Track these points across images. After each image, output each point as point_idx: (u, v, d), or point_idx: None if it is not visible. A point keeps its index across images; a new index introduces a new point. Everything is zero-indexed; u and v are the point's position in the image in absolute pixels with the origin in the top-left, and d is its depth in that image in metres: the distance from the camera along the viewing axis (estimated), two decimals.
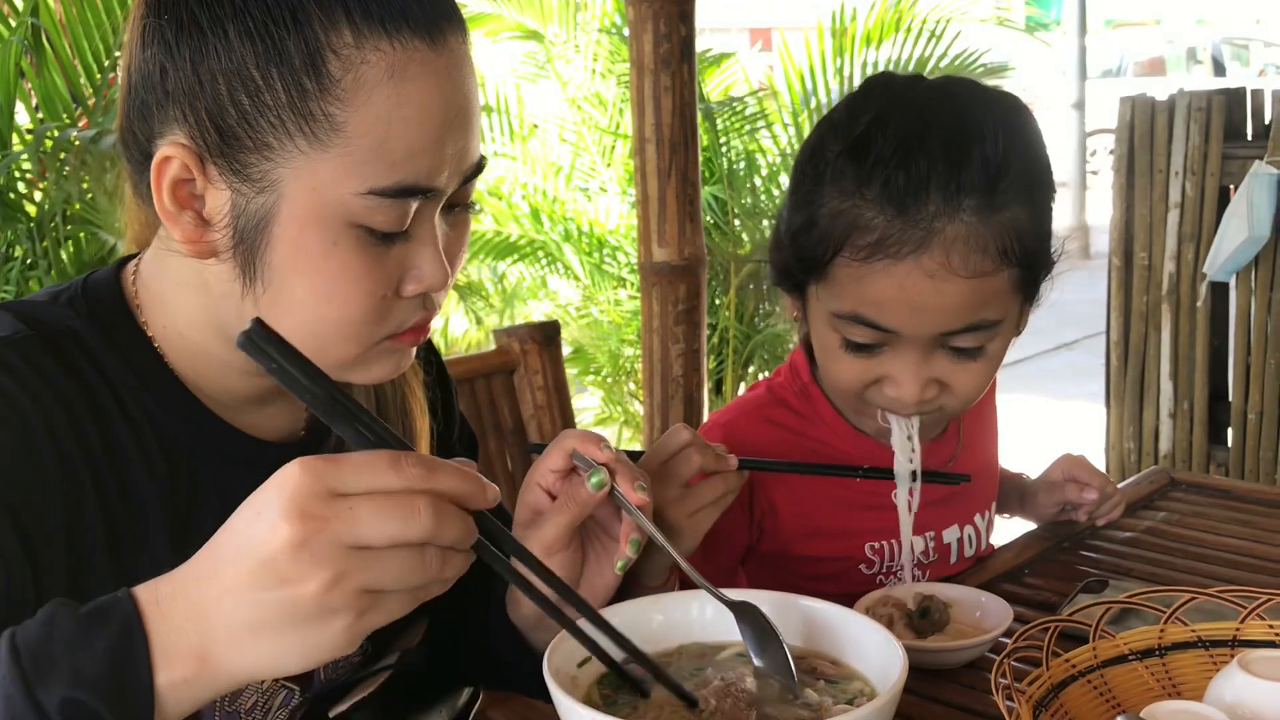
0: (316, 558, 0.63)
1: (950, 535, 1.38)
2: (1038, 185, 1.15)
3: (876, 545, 1.33)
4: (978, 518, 1.42)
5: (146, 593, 0.67)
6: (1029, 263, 1.15)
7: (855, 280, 1.14)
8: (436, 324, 4.72)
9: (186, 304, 0.91)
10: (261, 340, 0.69)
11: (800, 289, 1.24)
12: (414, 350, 0.94)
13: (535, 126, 4.54)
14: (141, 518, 0.88)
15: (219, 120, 0.81)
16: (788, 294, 1.28)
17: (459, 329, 4.66)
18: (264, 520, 0.64)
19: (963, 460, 1.39)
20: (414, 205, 0.84)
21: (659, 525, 1.01)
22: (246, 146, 0.81)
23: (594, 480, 0.94)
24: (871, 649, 0.92)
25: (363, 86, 0.80)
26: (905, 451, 1.23)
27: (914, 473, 1.21)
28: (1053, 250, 1.21)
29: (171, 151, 0.82)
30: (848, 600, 1.04)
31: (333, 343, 0.87)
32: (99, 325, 0.90)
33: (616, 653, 0.86)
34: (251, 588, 0.64)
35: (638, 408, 4.10)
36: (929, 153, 1.10)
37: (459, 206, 0.91)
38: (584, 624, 0.84)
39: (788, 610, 0.99)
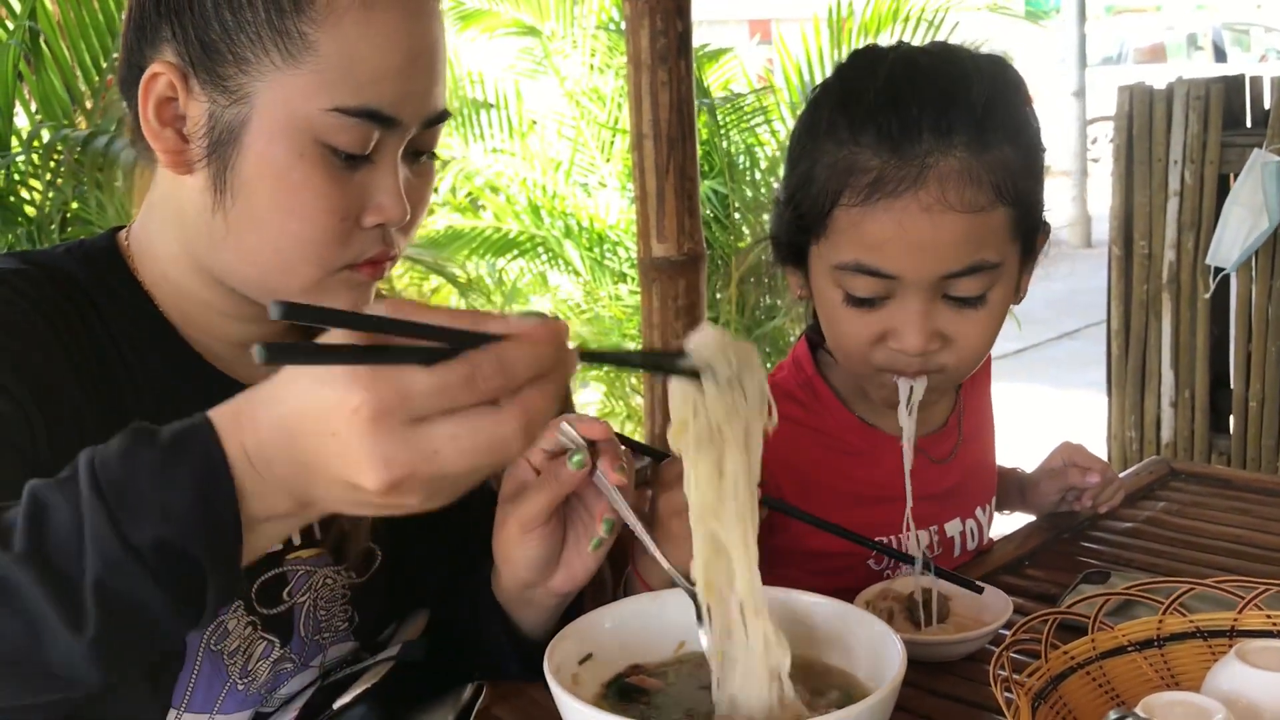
0: (405, 493, 0.62)
1: (953, 529, 1.39)
2: (1024, 127, 1.18)
3: (884, 540, 1.31)
4: (979, 511, 1.42)
5: (227, 425, 0.65)
6: (1022, 202, 1.16)
7: (855, 225, 1.15)
8: None
9: (167, 242, 0.97)
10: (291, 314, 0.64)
11: (802, 257, 1.24)
12: (372, 290, 0.98)
13: (534, 122, 4.54)
14: None
15: (204, 34, 0.89)
16: (791, 270, 1.29)
17: None
18: (348, 460, 0.61)
19: (964, 453, 1.39)
20: (376, 133, 0.90)
21: (664, 530, 1.02)
22: (227, 59, 0.88)
23: (574, 460, 0.96)
24: (870, 643, 0.93)
25: (334, 9, 0.88)
26: (910, 425, 1.23)
27: (927, 563, 1.18)
28: (1045, 209, 1.23)
29: (160, 68, 0.89)
30: (850, 595, 1.04)
31: (295, 261, 0.92)
32: (94, 271, 0.97)
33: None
34: (343, 501, 0.64)
35: (639, 402, 4.10)
36: (918, 96, 1.14)
37: (424, 155, 0.97)
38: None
39: (786, 605, 0.99)
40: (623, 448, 0.99)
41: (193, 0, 0.89)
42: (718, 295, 4.07)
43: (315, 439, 0.62)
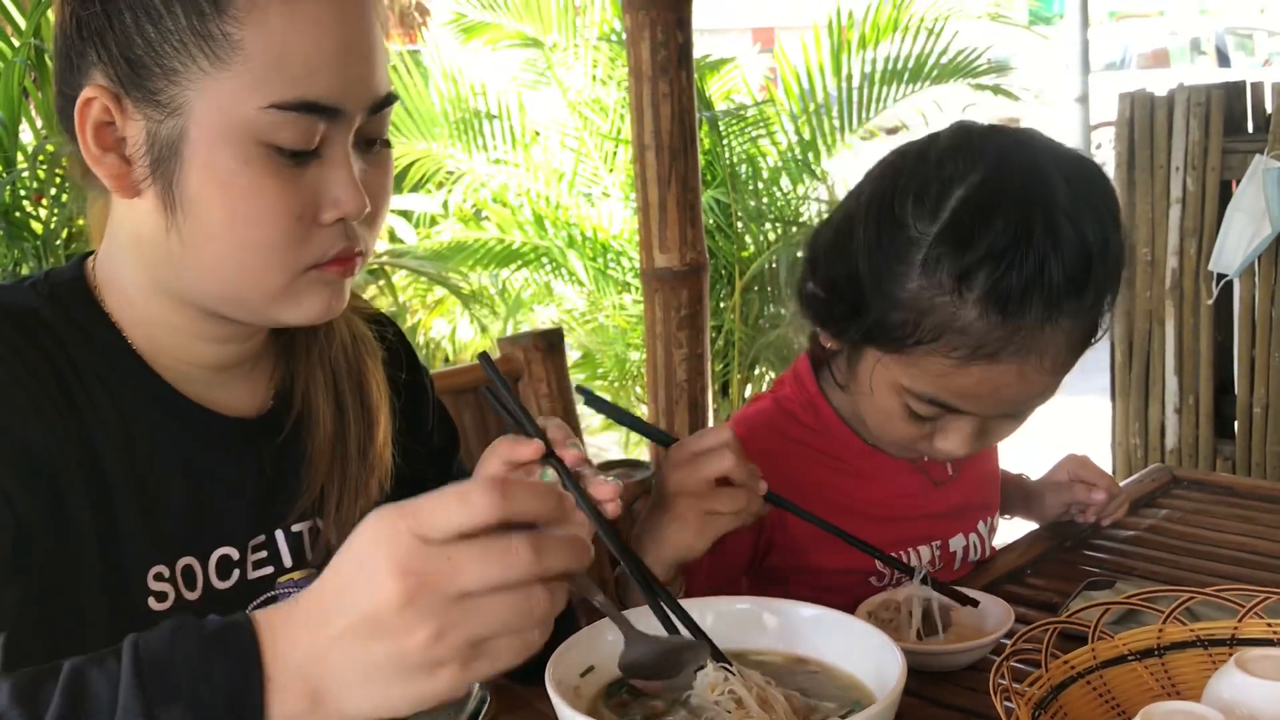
0: (421, 612, 0.65)
1: (956, 544, 1.40)
2: (1120, 267, 1.15)
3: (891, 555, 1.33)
4: (981, 525, 1.43)
5: (265, 623, 0.69)
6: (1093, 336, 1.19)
7: (942, 373, 1.13)
8: (444, 329, 4.74)
9: (130, 270, 0.95)
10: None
11: (853, 346, 1.22)
12: (345, 289, 0.96)
13: (537, 133, 4.55)
14: (109, 485, 0.92)
15: (128, 52, 0.87)
16: (828, 336, 1.25)
17: (466, 337, 4.68)
18: (368, 575, 0.66)
19: (965, 471, 1.40)
20: (320, 126, 0.87)
21: (671, 511, 1.09)
22: (154, 73, 0.86)
23: (543, 477, 0.97)
24: (870, 653, 0.93)
25: (257, 5, 0.85)
26: None
27: (925, 577, 1.20)
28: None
29: (91, 93, 0.88)
30: (852, 612, 1.05)
31: (257, 270, 0.90)
32: (59, 306, 0.95)
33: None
34: (360, 639, 0.66)
35: (644, 411, 4.11)
36: (1034, 254, 1.07)
37: (376, 143, 0.95)
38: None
39: (786, 615, 1.00)
40: (606, 476, 1.00)
41: (112, 19, 0.87)
42: (721, 305, 4.07)
43: (338, 582, 0.67)
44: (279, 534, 1.03)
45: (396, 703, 0.67)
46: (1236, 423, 3.54)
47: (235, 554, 1.00)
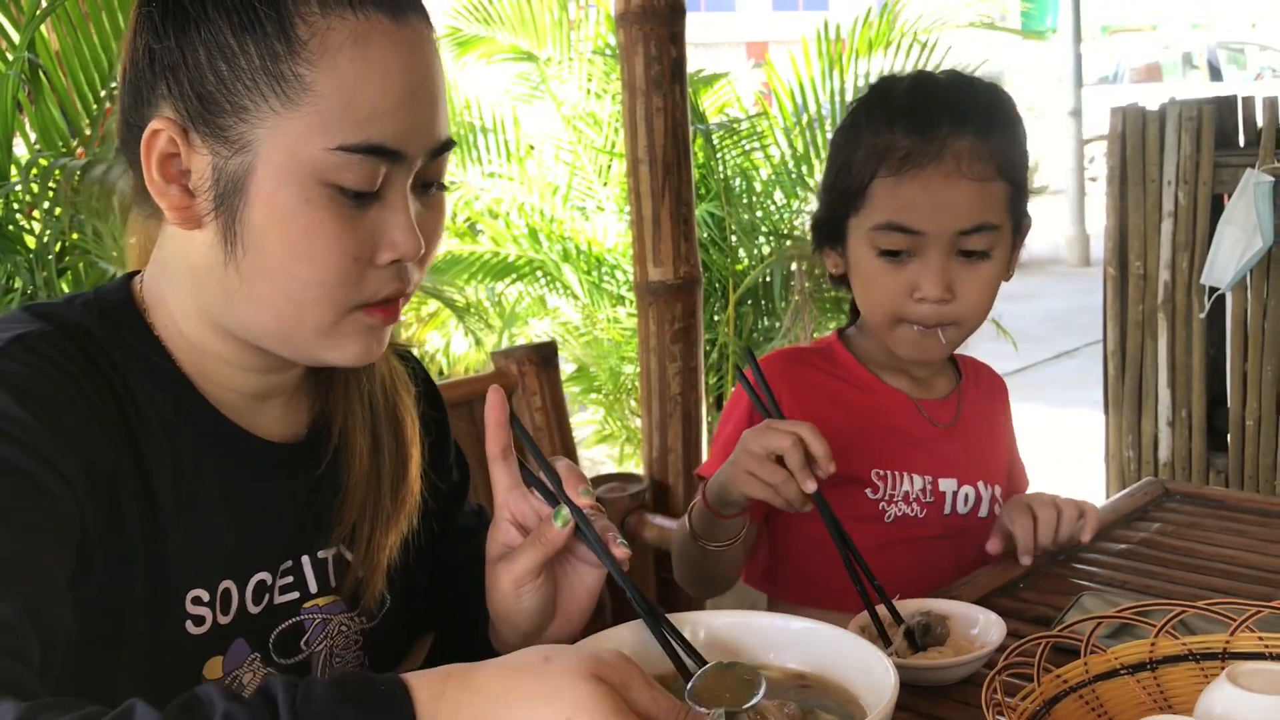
0: None
1: (947, 485, 1.51)
2: (1018, 127, 1.48)
3: (881, 473, 1.48)
4: (981, 484, 1.54)
5: (426, 712, 0.68)
6: (1015, 184, 1.44)
7: (889, 193, 1.42)
8: (438, 343, 4.74)
9: (180, 297, 0.97)
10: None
11: (840, 235, 1.49)
12: (387, 334, 0.98)
13: (531, 147, 4.56)
14: (159, 505, 0.93)
15: (200, 88, 0.88)
16: (828, 251, 1.53)
17: (460, 350, 4.68)
18: None
19: (957, 430, 1.55)
20: (383, 169, 0.90)
21: (733, 458, 1.22)
22: (224, 110, 0.88)
23: (559, 518, 0.97)
24: (864, 667, 0.93)
25: (329, 49, 0.87)
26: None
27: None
28: (1029, 201, 1.50)
29: (159, 125, 0.89)
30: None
31: (308, 305, 0.91)
32: (110, 325, 0.96)
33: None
34: None
35: (639, 424, 4.11)
36: (937, 96, 1.45)
37: (433, 186, 0.97)
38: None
39: (780, 629, 1.00)
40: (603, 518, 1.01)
41: (186, 55, 0.89)
42: (715, 318, 4.08)
43: None
44: (305, 559, 1.04)
45: None
46: (1229, 435, 3.55)
47: (269, 579, 1.01)
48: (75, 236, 2.56)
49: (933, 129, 1.41)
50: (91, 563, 0.87)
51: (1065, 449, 4.92)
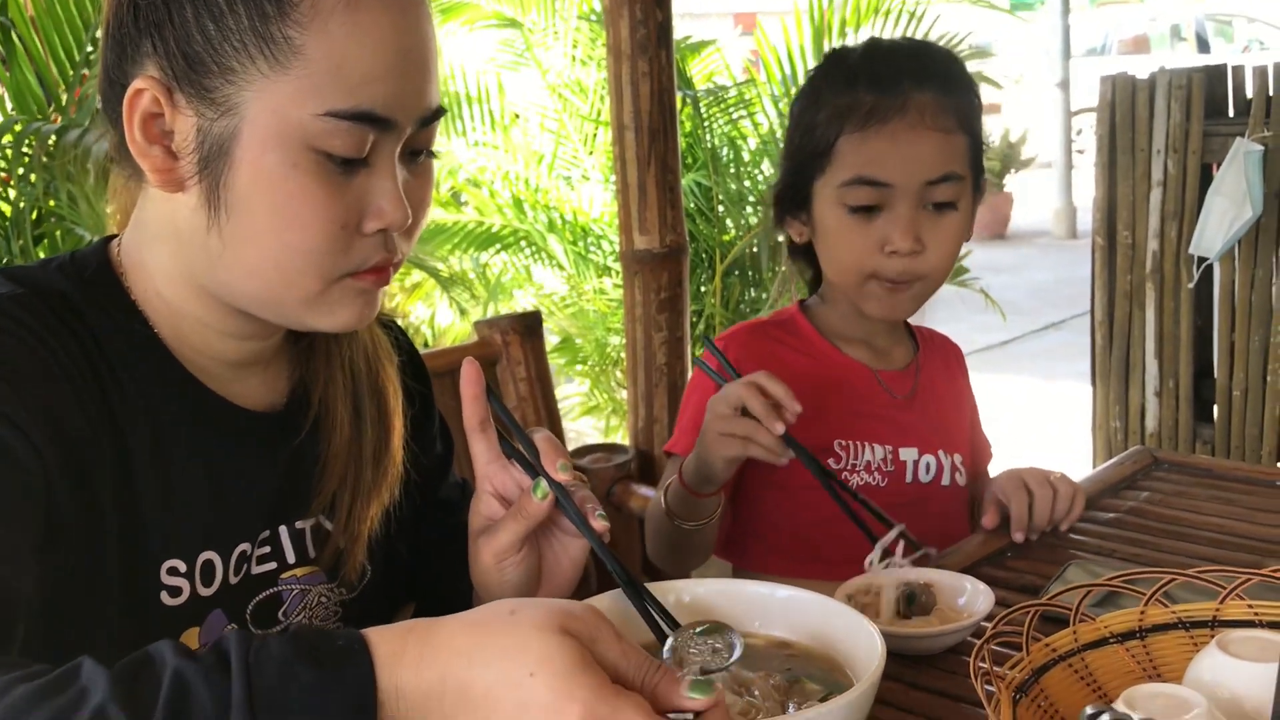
0: None
1: (908, 455, 1.52)
2: (973, 88, 1.51)
3: (844, 443, 1.50)
4: (942, 453, 1.54)
5: (385, 668, 0.65)
6: (974, 138, 1.47)
7: (855, 149, 1.43)
8: (424, 314, 4.71)
9: (161, 260, 0.94)
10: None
11: (805, 200, 1.49)
12: (378, 298, 0.96)
13: (516, 115, 4.51)
14: (133, 472, 0.91)
15: (185, 46, 0.86)
16: (790, 221, 1.53)
17: (446, 322, 4.65)
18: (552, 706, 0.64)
19: (917, 400, 1.56)
20: (371, 136, 0.87)
21: (703, 429, 1.23)
22: (211, 70, 0.86)
23: (538, 491, 0.96)
24: (850, 636, 0.92)
25: (320, 12, 0.85)
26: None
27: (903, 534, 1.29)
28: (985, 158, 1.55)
29: (143, 84, 0.86)
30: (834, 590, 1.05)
31: (295, 274, 0.89)
32: (87, 289, 0.93)
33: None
34: None
35: (624, 395, 4.10)
36: (897, 54, 1.49)
37: (422, 153, 0.95)
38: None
39: (766, 599, 0.99)
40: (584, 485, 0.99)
41: (172, 12, 0.86)
42: (702, 289, 4.06)
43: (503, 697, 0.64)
44: (283, 530, 1.02)
45: None
46: (1216, 406, 3.55)
47: (248, 549, 0.99)
48: (51, 203, 2.52)
49: (895, 84, 1.43)
50: (62, 530, 0.85)
51: (1052, 420, 4.93)
